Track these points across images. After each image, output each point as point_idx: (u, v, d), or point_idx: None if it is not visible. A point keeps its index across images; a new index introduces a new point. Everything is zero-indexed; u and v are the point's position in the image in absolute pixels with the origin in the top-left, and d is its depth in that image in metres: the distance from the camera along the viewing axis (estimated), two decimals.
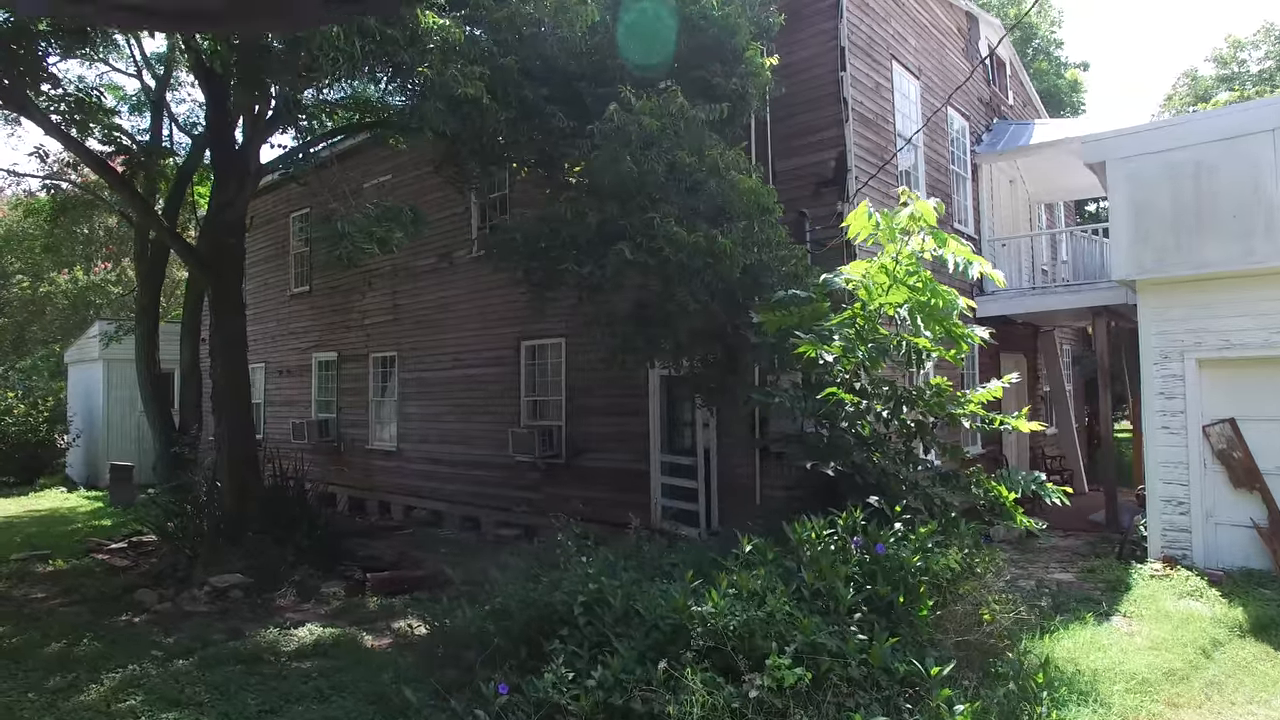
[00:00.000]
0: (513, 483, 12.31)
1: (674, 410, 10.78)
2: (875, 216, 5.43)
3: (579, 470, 11.48)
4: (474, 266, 13.12)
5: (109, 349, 17.97)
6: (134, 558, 10.20)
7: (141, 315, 14.04)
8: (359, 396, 15.25)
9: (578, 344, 11.56)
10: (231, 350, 9.60)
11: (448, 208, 13.59)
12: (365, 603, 8.29)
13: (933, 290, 5.35)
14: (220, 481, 9.68)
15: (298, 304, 17.13)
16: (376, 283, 14.92)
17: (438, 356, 13.66)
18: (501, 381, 12.60)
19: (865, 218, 5.46)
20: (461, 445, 13.17)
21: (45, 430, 18.82)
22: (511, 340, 12.46)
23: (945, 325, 5.34)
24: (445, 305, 13.57)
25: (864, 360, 5.67)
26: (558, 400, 11.88)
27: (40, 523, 13.83)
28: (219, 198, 9.75)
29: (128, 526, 12.79)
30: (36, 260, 21.45)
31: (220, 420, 9.56)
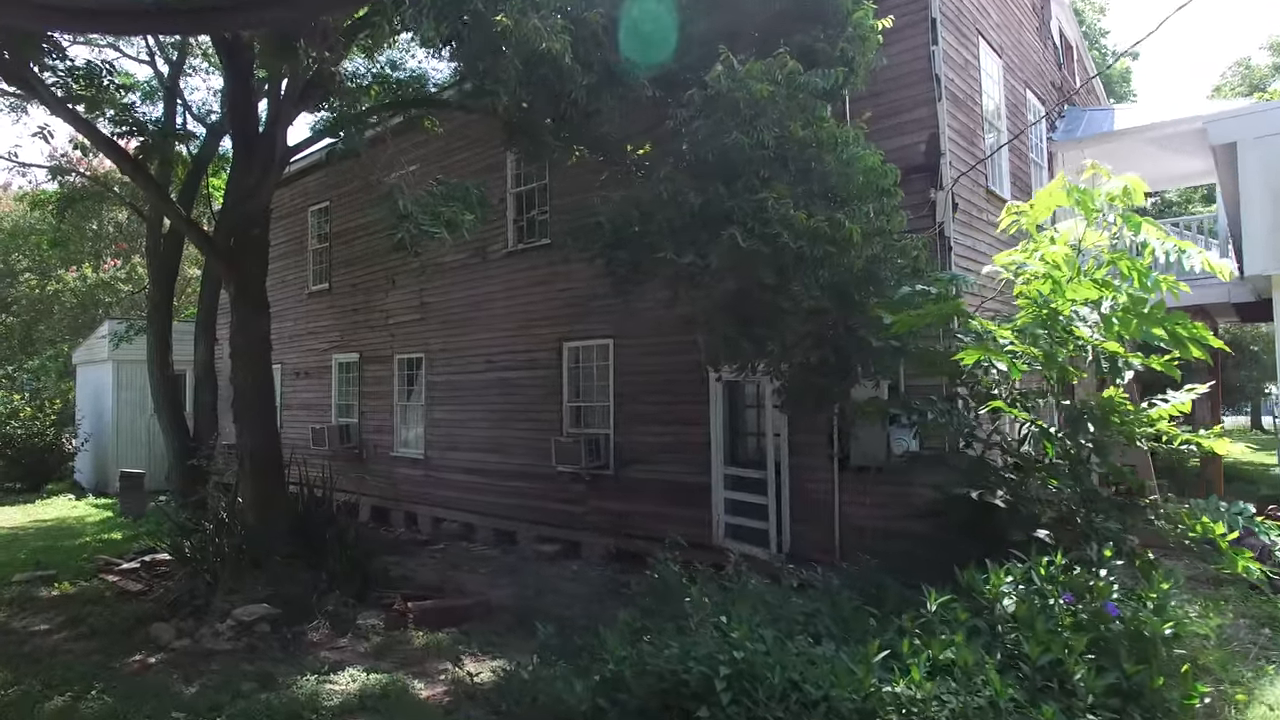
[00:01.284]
0: (553, 495, 11.26)
1: (736, 418, 9.73)
2: (1072, 191, 4.39)
3: (628, 482, 10.44)
4: (510, 262, 12.07)
5: (119, 349, 16.92)
6: (147, 580, 9.14)
7: (154, 314, 12.99)
8: (383, 400, 14.20)
9: (628, 345, 10.52)
10: (254, 351, 8.56)
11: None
12: (409, 638, 7.23)
13: (1145, 283, 4.31)
14: (242, 495, 8.63)
15: (316, 303, 16.08)
16: (401, 280, 13.88)
17: (469, 358, 12.60)
18: (541, 386, 11.55)
19: (1062, 192, 4.41)
20: (496, 453, 12.11)
21: (53, 434, 17.77)
22: (552, 341, 11.41)
23: (1166, 326, 4.29)
24: (478, 304, 12.51)
25: (1052, 370, 4.62)
26: (604, 406, 10.83)
27: (47, 535, 12.77)
28: (241, 185, 8.71)
29: (139, 541, 11.73)
30: (44, 257, 20.40)
31: (242, 428, 8.51)
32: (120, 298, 21.91)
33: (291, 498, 9.13)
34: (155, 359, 12.91)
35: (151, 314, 13.02)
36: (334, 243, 15.61)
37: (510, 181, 12.14)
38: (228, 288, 8.47)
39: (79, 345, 20.75)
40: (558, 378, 11.33)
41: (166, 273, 13.03)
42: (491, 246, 12.35)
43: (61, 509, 15.89)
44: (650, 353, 10.27)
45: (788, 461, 9.02)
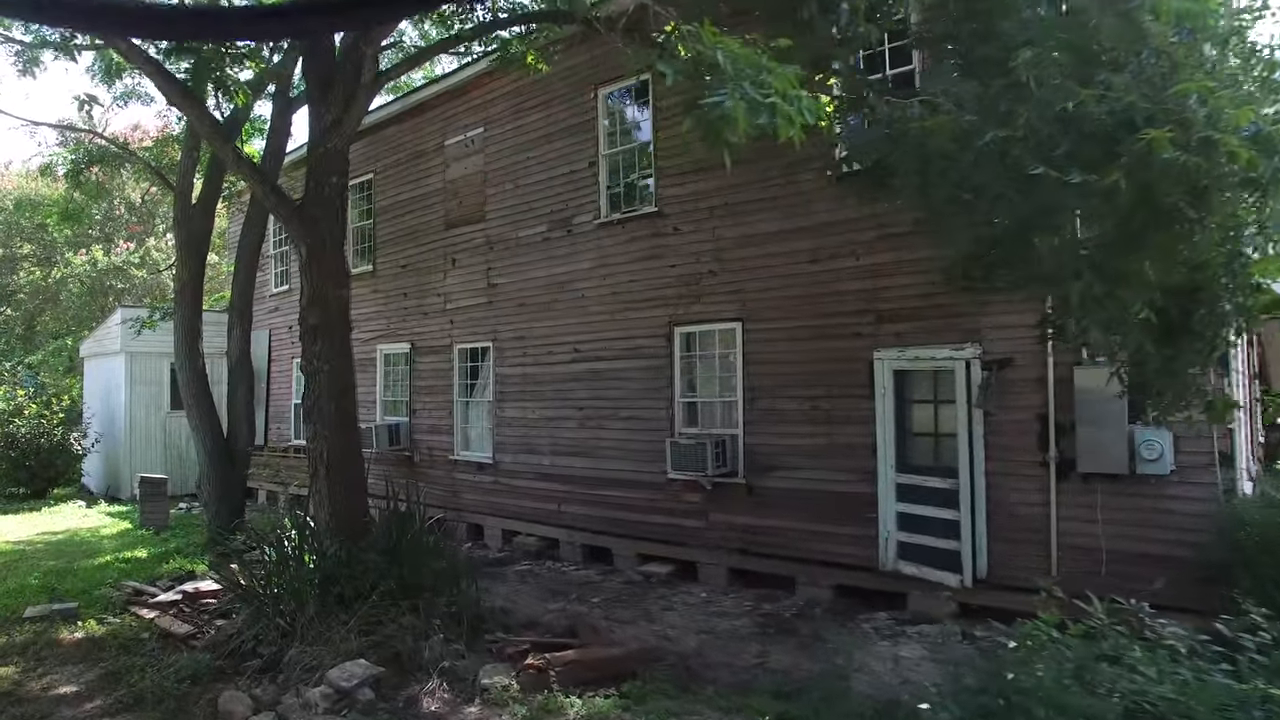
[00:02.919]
0: (663, 506, 9.43)
1: (907, 415, 7.92)
2: None
3: (762, 492, 8.62)
4: (603, 235, 10.22)
5: (137, 339, 14.96)
6: (193, 616, 7.26)
7: (181, 295, 11.07)
8: (440, 397, 12.32)
9: (762, 329, 8.71)
10: (331, 331, 6.70)
11: (564, 163, 10.68)
12: (559, 704, 5.38)
13: None
14: (314, 511, 6.75)
15: (357, 288, 14.02)
16: (464, 259, 12.02)
17: (550, 347, 10.74)
18: (644, 378, 9.71)
19: None
20: (585, 458, 10.26)
21: (60, 433, 15.77)
22: (660, 325, 9.57)
23: None
24: (561, 283, 10.65)
25: None
26: (729, 402, 9.00)
27: (59, 552, 10.83)
28: (319, 119, 6.81)
29: (170, 561, 9.82)
30: (50, 240, 18.37)
31: (316, 427, 6.65)
32: (133, 284, 19.87)
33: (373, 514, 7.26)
34: (183, 347, 10.98)
35: (179, 295, 11.10)
36: (378, 219, 13.70)
37: (602, 142, 10.28)
38: (297, 250, 6.61)
39: (87, 336, 18.75)
40: (667, 368, 9.49)
41: (196, 247, 11.11)
42: (578, 218, 10.49)
43: (72, 519, 13.92)
44: (793, 337, 8.46)
45: (984, 468, 7.23)
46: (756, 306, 8.75)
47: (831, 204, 8.24)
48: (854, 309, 8.06)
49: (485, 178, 11.72)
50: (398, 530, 6.79)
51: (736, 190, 8.92)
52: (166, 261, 19.93)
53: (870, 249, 7.96)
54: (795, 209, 8.49)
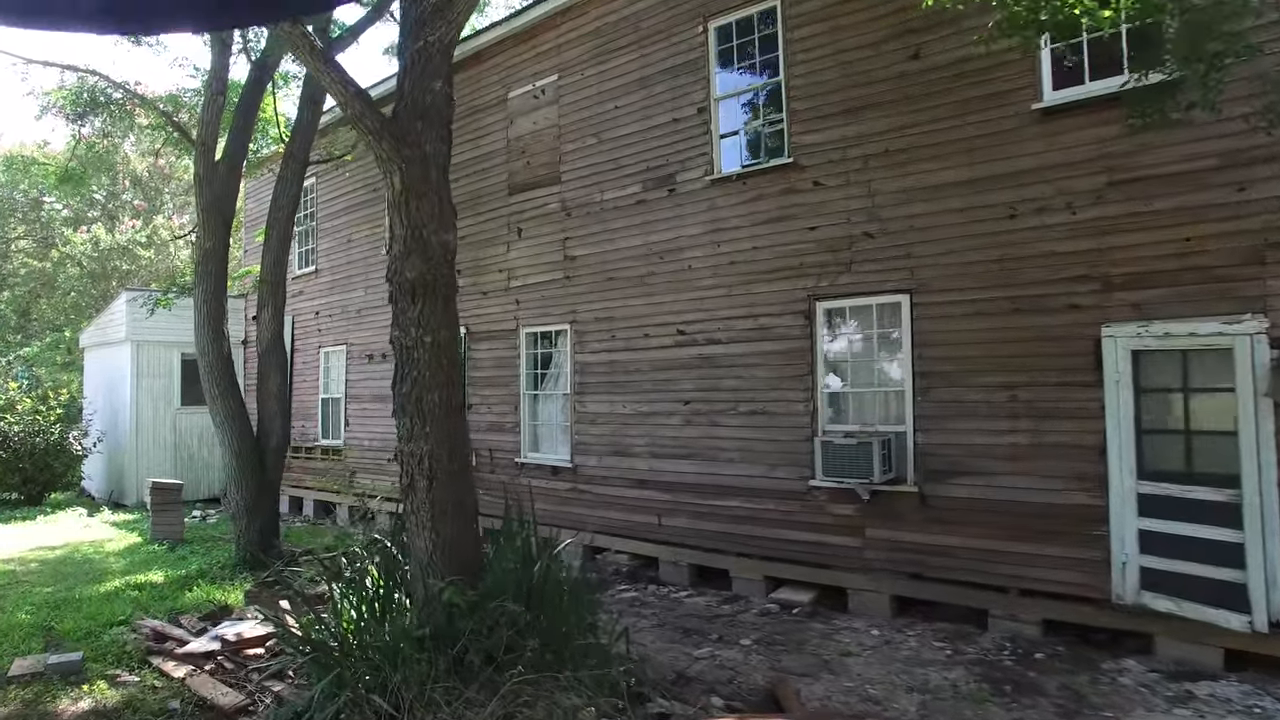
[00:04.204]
0: (801, 519, 7.60)
1: (1149, 407, 6.10)
2: None
3: (942, 502, 6.79)
4: (717, 194, 8.37)
5: (143, 326, 13.00)
6: (239, 676, 5.35)
7: (204, 266, 9.14)
8: (502, 390, 10.42)
9: (938, 302, 6.89)
10: (436, 294, 4.81)
11: (663, 111, 8.82)
12: None
13: None
14: (415, 542, 4.85)
15: None
16: (531, 228, 10.13)
17: (646, 329, 8.88)
18: (773, 365, 7.87)
19: None
20: (693, 460, 8.41)
21: (58, 432, 13.73)
22: (795, 301, 7.73)
23: None
24: (660, 253, 8.79)
25: None
26: (893, 392, 7.16)
27: (57, 573, 8.88)
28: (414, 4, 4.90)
29: (194, 588, 7.88)
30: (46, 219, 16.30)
31: (414, 430, 4.76)
32: (140, 265, 17.78)
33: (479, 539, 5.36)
34: (206, 327, 9.06)
35: (200, 266, 9.16)
36: None
37: (715, 84, 8.42)
38: (389, 180, 4.73)
39: (88, 325, 16.71)
40: (806, 353, 7.65)
41: (221, 210, 9.18)
42: (684, 174, 8.63)
43: (71, 529, 11.93)
44: (982, 311, 6.64)
45: (1277, 475, 5.43)
46: (930, 275, 6.92)
47: (1037, 145, 6.43)
48: (1070, 275, 6.26)
49: (560, 133, 9.83)
50: (521, 563, 4.90)
51: (902, 133, 7.10)
52: (176, 240, 17.97)
53: (1095, 199, 6.16)
54: (984, 153, 6.68)
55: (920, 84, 7.04)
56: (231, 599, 7.32)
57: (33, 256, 18.82)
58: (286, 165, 9.45)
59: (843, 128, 7.48)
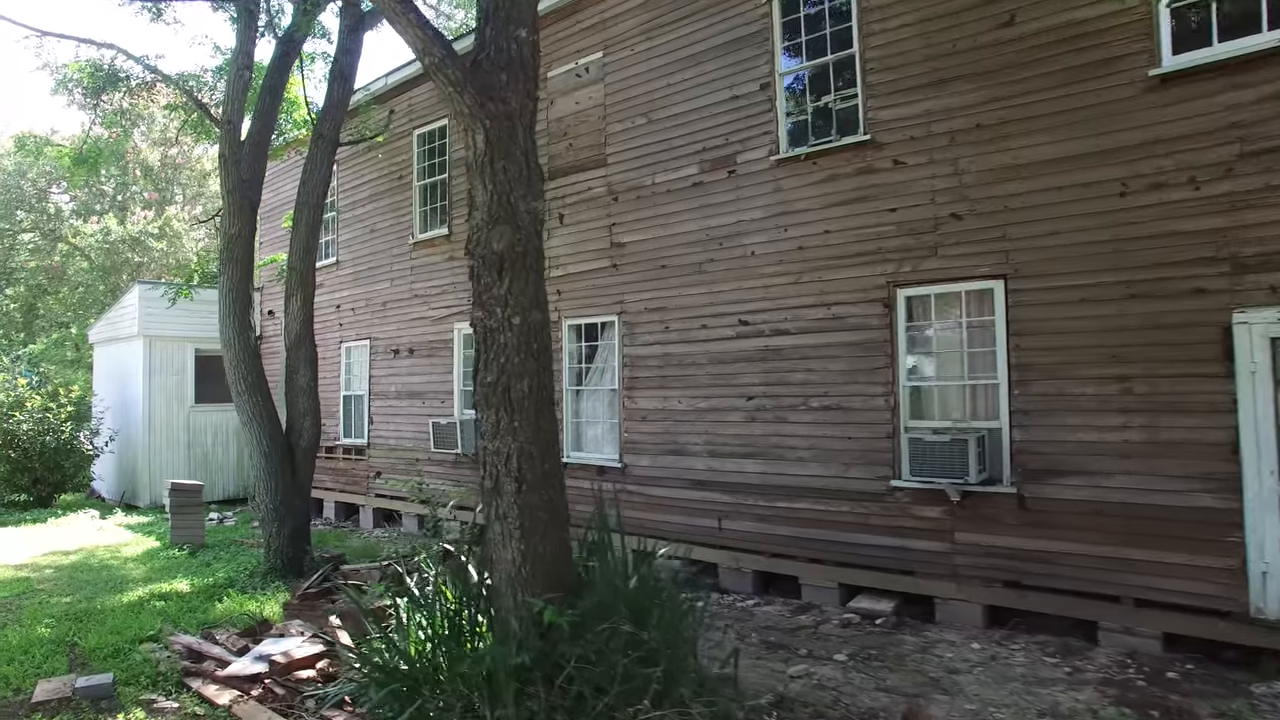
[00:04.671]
0: (881, 522, 7.01)
1: None
2: None
3: (1043, 505, 6.22)
4: (782, 174, 7.78)
5: (156, 321, 12.35)
6: (292, 704, 4.73)
7: (228, 253, 8.53)
8: None
9: (1038, 289, 6.31)
10: (525, 269, 4.21)
11: (721, 88, 8.23)
12: None
13: None
14: (501, 554, 4.24)
15: (426, 255, 11.62)
16: (574, 213, 9.53)
17: (703, 320, 8.29)
18: (847, 357, 7.29)
19: None
20: (759, 460, 7.83)
21: (69, 430, 13.06)
22: (873, 288, 7.14)
23: None
24: (719, 239, 8.20)
25: None
26: (986, 385, 6.58)
27: (74, 580, 8.26)
28: None
29: (224, 596, 7.26)
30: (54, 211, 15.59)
31: (499, 424, 4.15)
32: (153, 257, 17.06)
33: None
34: (231, 318, 8.45)
35: (225, 253, 8.55)
36: (454, 173, 11.16)
37: (779, 58, 7.83)
38: (470, 140, 4.09)
39: (97, 321, 16.04)
40: (885, 344, 7.06)
41: (247, 194, 8.57)
42: (745, 154, 8.04)
43: (84, 533, 11.29)
44: (1089, 298, 6.07)
45: None
46: (1028, 259, 6.34)
47: (1153, 115, 5.86)
48: (1194, 256, 5.69)
49: (605, 113, 9.23)
50: (618, 575, 4.29)
51: (994, 107, 6.52)
52: (190, 232, 17.28)
53: (1224, 172, 5.59)
54: (1090, 125, 6.11)
55: (1014, 52, 6.47)
56: (268, 611, 6.70)
57: (40, 249, 18.17)
58: (316, 145, 8.84)
59: (926, 102, 6.89)
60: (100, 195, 16.42)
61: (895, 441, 6.95)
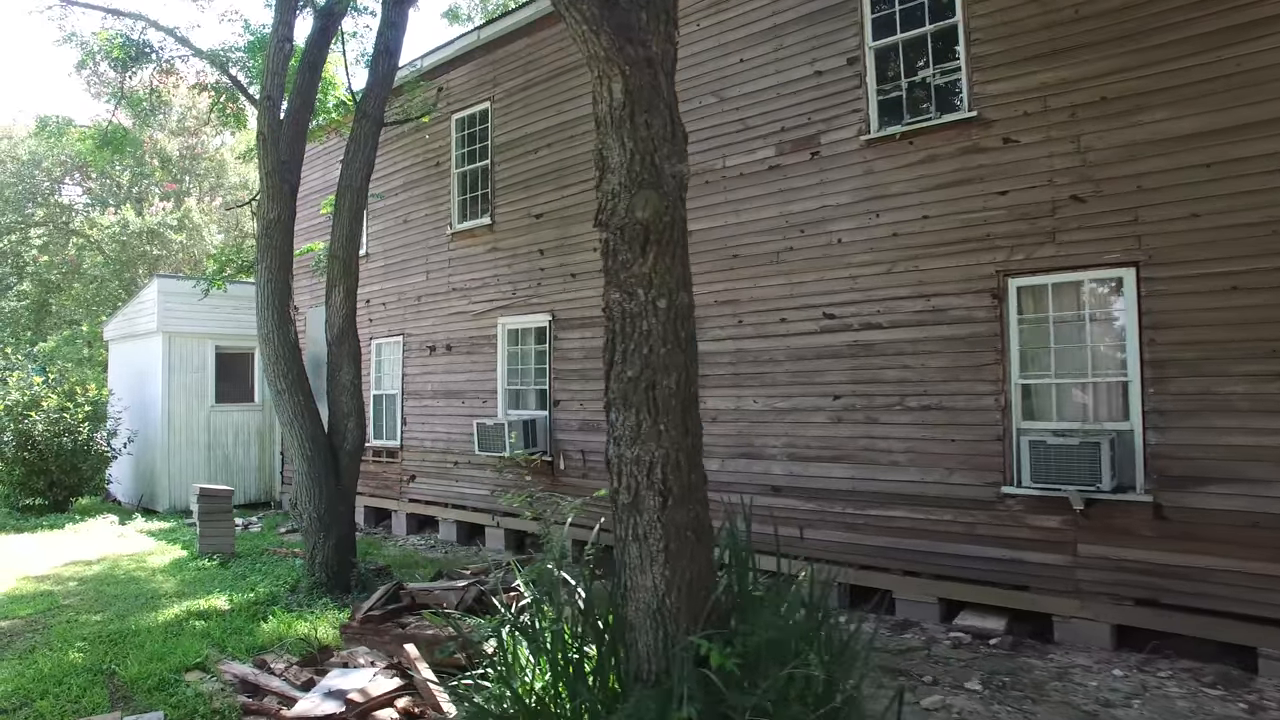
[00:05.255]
0: (988, 532, 6.38)
1: None
2: None
3: (1184, 515, 5.59)
4: (873, 154, 7.14)
5: (181, 311, 11.65)
6: None
7: (266, 239, 7.86)
8: (597, 384, 9.15)
9: (1177, 277, 5.67)
10: (672, 243, 3.58)
11: (802, 64, 7.59)
12: None
13: None
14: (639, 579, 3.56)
15: (466, 246, 10.95)
16: None
17: (782, 313, 7.64)
18: (950, 353, 6.65)
19: None
20: (846, 464, 7.18)
21: (87, 431, 12.35)
22: (979, 278, 6.50)
23: None
24: (800, 226, 7.55)
25: None
26: (1115, 383, 5.95)
27: (101, 595, 7.59)
28: None
29: (267, 617, 6.59)
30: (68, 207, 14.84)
31: (641, 427, 3.51)
32: (171, 250, 16.32)
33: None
34: (271, 310, 7.79)
35: (263, 240, 7.88)
36: (497, 159, 10.49)
37: (869, 30, 7.18)
38: (603, 91, 3.43)
39: (105, 319, 15.33)
40: (994, 338, 6.42)
41: (287, 178, 7.90)
42: (830, 135, 7.39)
43: (105, 540, 10.61)
44: (1239, 285, 5.45)
45: None
46: (1164, 244, 5.71)
47: None
48: None
49: None
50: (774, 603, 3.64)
51: (1124, 76, 5.89)
52: (209, 224, 16.55)
53: None
54: (1243, 94, 5.47)
55: (1149, 16, 5.83)
56: (323, 634, 6.04)
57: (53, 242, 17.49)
58: (359, 124, 8.18)
59: (1042, 74, 6.25)
60: (115, 188, 15.70)
61: (1006, 444, 6.31)
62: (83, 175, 17.18)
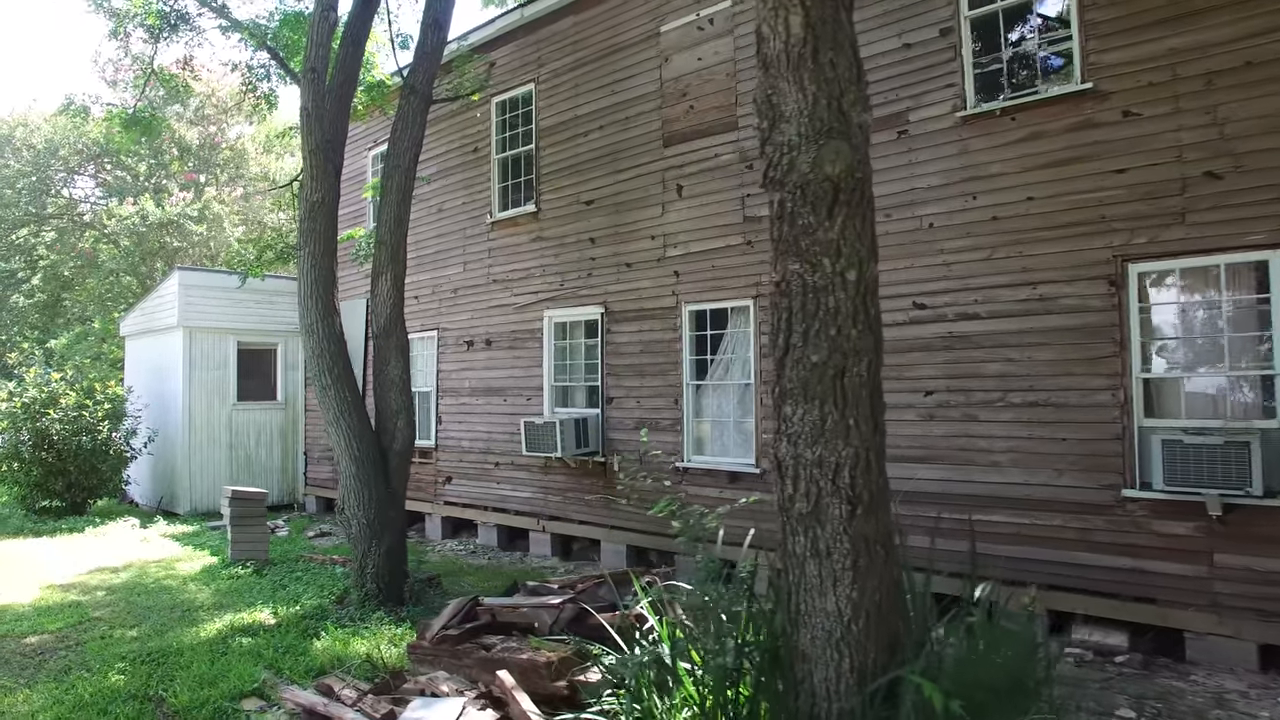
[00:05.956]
0: (1105, 540, 5.84)
1: None
2: None
3: None
4: (969, 132, 6.59)
5: (201, 305, 11.04)
6: None
7: (310, 222, 7.28)
8: (656, 380, 8.58)
9: None
10: (861, 205, 3.04)
11: (889, 36, 7.03)
12: None
13: None
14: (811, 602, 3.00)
15: (508, 236, 10.37)
16: (694, 184, 8.30)
17: None
18: (1061, 345, 6.09)
19: None
20: (938, 465, 6.62)
21: (106, 430, 11.73)
22: (1095, 263, 5.95)
23: None
24: (886, 209, 6.99)
25: None
26: (1258, 377, 5.39)
27: (133, 606, 7.01)
28: None
29: (319, 633, 6.01)
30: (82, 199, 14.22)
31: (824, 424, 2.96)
32: (193, 241, 15.68)
33: None
34: (315, 299, 7.20)
35: (306, 224, 7.30)
36: (542, 143, 9.90)
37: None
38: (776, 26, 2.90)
39: (123, 314, 14.71)
40: (1112, 328, 5.87)
41: (331, 156, 7.31)
42: (920, 112, 6.83)
43: (128, 545, 10.01)
44: None
45: None
46: None
47: None
48: None
49: (735, 69, 8.01)
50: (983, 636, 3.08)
51: (1271, 38, 5.31)
52: (231, 215, 15.92)
53: None
54: None
55: None
56: (386, 653, 5.46)
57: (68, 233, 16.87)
58: (407, 101, 7.61)
59: (1171, 39, 5.70)
60: (131, 179, 15.09)
61: (1126, 444, 5.76)
62: (98, 166, 16.55)
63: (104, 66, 9.18)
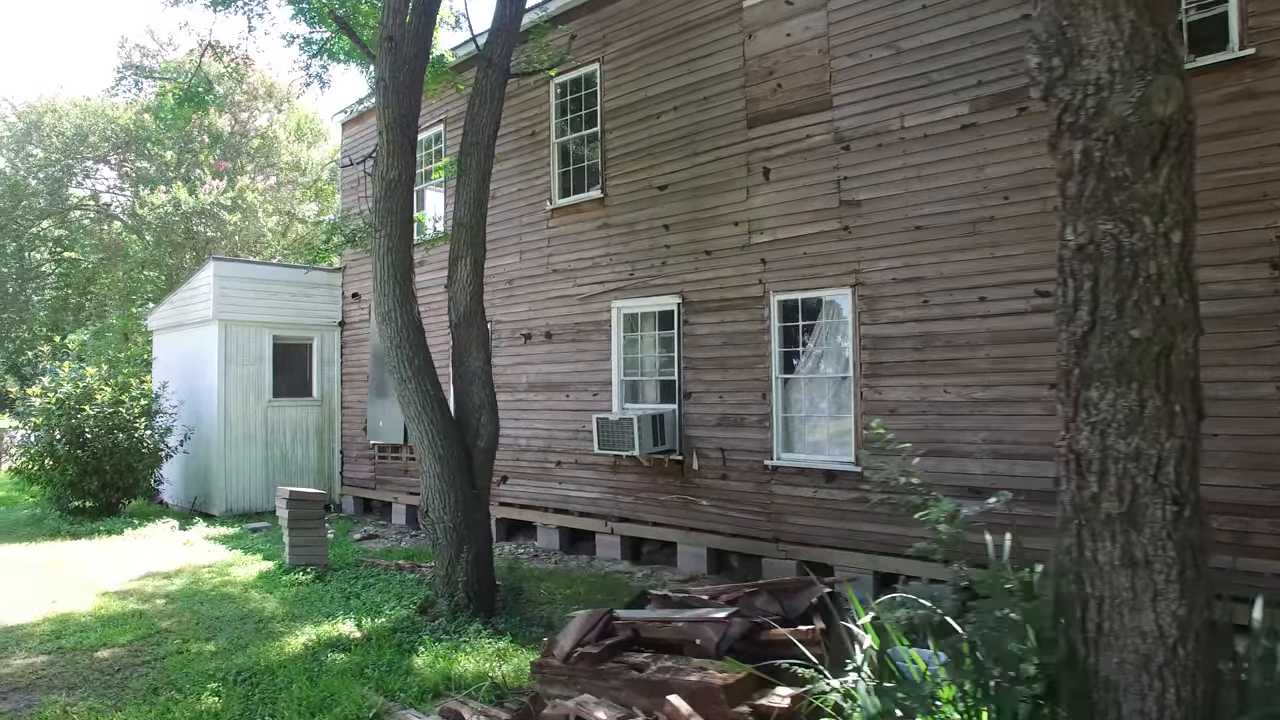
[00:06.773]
0: (1268, 544, 5.40)
1: None
2: None
3: None
4: None
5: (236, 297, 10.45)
6: None
7: (386, 203, 6.78)
8: (741, 374, 8.11)
9: None
10: (1185, 166, 2.68)
11: (1004, 7, 6.55)
12: None
13: None
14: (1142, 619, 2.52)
15: (570, 223, 9.87)
16: (785, 168, 7.84)
17: (980, 291, 6.62)
18: (1209, 331, 5.58)
19: None
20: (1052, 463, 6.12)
21: (143, 426, 11.15)
22: (1255, 245, 5.56)
23: None
24: (1003, 191, 6.54)
25: None
26: None
27: (200, 618, 6.50)
28: None
29: (416, 649, 5.52)
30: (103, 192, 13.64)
31: (1155, 408, 2.52)
32: (226, 232, 15.06)
33: None
34: (392, 284, 6.72)
35: (383, 204, 6.79)
36: (608, 126, 9.40)
37: None
38: None
39: (151, 308, 14.14)
40: (1273, 315, 5.45)
41: (407, 131, 6.80)
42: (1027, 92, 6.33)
43: (171, 548, 9.48)
44: None
45: None
46: None
47: None
48: None
49: (829, 45, 7.53)
50: None
51: None
52: (263, 204, 15.35)
53: None
54: None
55: None
56: (498, 670, 4.95)
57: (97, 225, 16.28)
58: (485, 75, 7.11)
59: None
60: (158, 169, 14.50)
61: None
62: (122, 156, 15.94)
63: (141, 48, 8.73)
